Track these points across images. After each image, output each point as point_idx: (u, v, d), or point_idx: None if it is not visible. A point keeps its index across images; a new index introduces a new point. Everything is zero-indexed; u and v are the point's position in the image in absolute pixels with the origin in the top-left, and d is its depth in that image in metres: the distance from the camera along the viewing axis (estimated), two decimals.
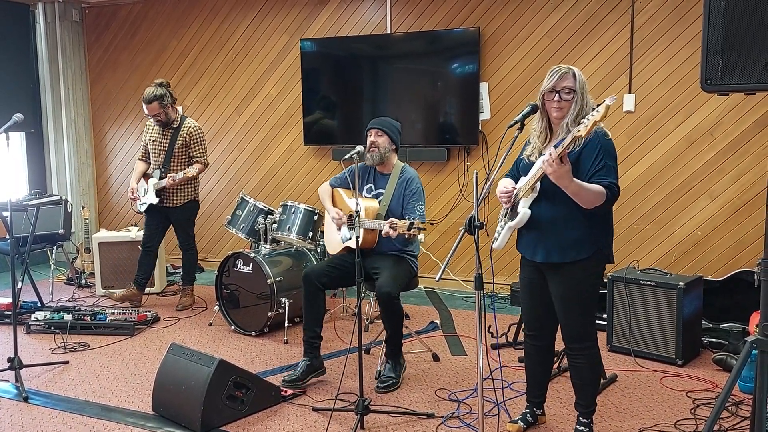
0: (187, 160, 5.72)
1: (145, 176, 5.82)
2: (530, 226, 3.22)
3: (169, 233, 6.04)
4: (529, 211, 3.18)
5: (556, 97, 3.12)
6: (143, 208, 5.79)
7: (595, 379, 3.39)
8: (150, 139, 5.76)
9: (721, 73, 2.43)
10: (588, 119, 2.84)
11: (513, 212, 3.27)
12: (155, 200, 5.68)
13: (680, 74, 5.49)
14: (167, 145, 5.67)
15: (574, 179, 2.96)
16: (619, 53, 5.69)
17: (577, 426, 3.39)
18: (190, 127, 5.69)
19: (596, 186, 3.00)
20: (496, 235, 3.37)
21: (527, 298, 3.43)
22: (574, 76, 3.12)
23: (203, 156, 5.75)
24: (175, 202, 5.74)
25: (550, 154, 2.89)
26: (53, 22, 7.75)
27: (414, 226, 3.81)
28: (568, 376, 4.22)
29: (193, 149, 5.71)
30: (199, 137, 5.73)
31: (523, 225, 3.23)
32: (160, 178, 5.65)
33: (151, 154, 5.79)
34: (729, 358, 4.30)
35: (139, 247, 5.98)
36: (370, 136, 4.35)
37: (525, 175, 3.27)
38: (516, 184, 3.35)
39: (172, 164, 5.68)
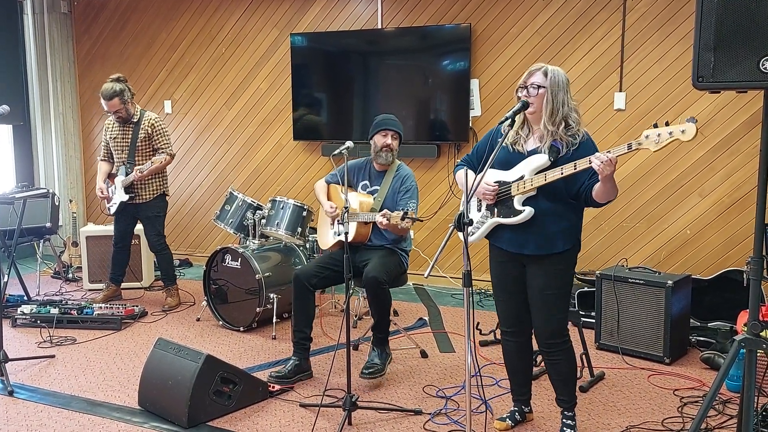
0: (151, 153, 5.61)
1: (110, 176, 5.73)
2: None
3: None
4: (533, 210, 3.17)
5: (525, 93, 3.17)
6: (114, 209, 5.68)
7: (574, 372, 3.41)
8: (111, 137, 5.66)
9: (713, 71, 2.42)
10: (661, 135, 2.86)
11: (502, 208, 3.25)
12: (125, 197, 5.57)
13: (671, 72, 5.50)
14: (129, 140, 5.57)
15: None
16: (610, 51, 5.69)
17: (564, 420, 3.41)
18: (151, 119, 5.59)
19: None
20: (473, 230, 3.34)
21: (503, 294, 3.43)
22: (545, 74, 3.14)
23: (168, 146, 5.63)
24: (144, 197, 5.64)
25: (610, 159, 2.92)
26: (41, 14, 7.68)
27: (407, 216, 3.81)
28: None
29: (157, 141, 5.59)
30: (162, 128, 5.62)
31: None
32: (126, 174, 5.55)
33: (113, 152, 5.69)
34: (717, 356, 4.31)
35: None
36: (386, 137, 4.32)
37: (502, 168, 3.26)
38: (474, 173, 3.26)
39: (136, 159, 5.57)
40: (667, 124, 2.86)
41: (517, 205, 3.20)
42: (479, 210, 3.36)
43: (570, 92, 3.19)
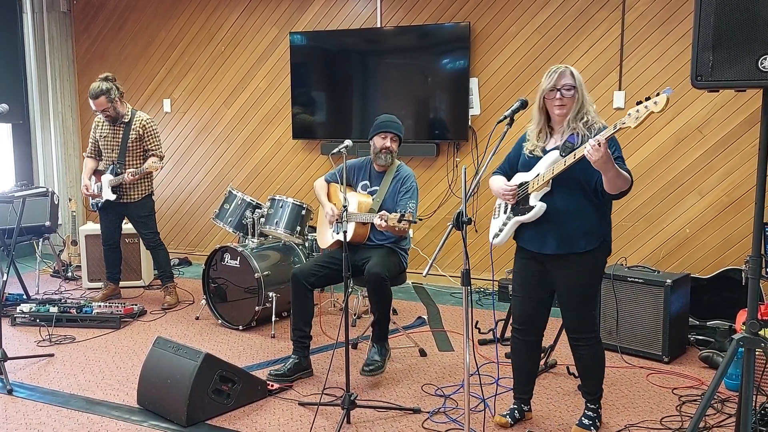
0: (142, 154, 5.61)
1: (96, 173, 5.70)
2: (538, 218, 3.26)
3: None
4: (544, 205, 3.22)
5: (558, 95, 3.18)
6: (98, 206, 5.68)
7: (599, 368, 3.45)
8: (101, 135, 5.64)
9: (712, 70, 2.42)
10: (639, 110, 2.87)
11: (521, 207, 3.31)
12: (112, 197, 5.55)
13: (670, 71, 5.50)
14: (120, 140, 5.56)
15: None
16: (609, 50, 5.69)
17: (585, 411, 3.49)
18: (142, 120, 5.58)
19: (624, 172, 3.08)
20: (497, 231, 3.41)
21: (521, 292, 3.46)
22: (572, 73, 3.19)
23: (158, 149, 5.64)
24: (132, 197, 5.63)
25: (597, 141, 2.92)
26: (41, 13, 7.68)
27: (404, 218, 3.82)
28: (554, 372, 4.25)
29: (148, 142, 5.59)
30: (153, 129, 5.62)
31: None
32: (116, 174, 5.54)
33: (102, 151, 5.67)
34: (715, 355, 4.32)
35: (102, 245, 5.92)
36: (385, 139, 4.33)
37: (525, 171, 3.34)
38: (507, 180, 3.41)
39: (127, 159, 5.57)
40: (647, 99, 2.86)
41: (532, 202, 3.25)
42: (505, 212, 3.41)
43: None
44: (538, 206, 3.22)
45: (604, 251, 3.32)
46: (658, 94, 2.81)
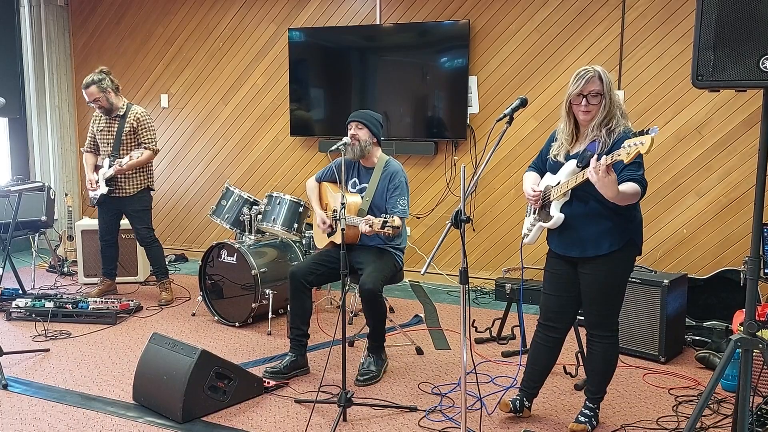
0: (136, 147, 5.59)
1: (97, 168, 5.68)
2: (562, 224, 3.28)
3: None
4: (562, 216, 3.25)
5: (584, 102, 3.15)
6: (95, 201, 5.67)
7: (607, 370, 3.45)
8: (98, 129, 5.63)
9: (713, 69, 2.41)
10: (631, 147, 2.83)
11: (543, 212, 3.34)
12: (105, 190, 5.54)
13: (670, 71, 5.49)
14: (114, 132, 5.55)
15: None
16: (609, 49, 5.69)
17: (582, 409, 3.49)
18: (136, 113, 5.57)
19: (631, 186, 3.04)
20: (526, 231, 3.47)
21: (550, 289, 3.48)
22: (600, 78, 3.13)
23: (152, 142, 5.60)
24: (127, 191, 5.61)
25: (599, 163, 2.90)
26: (38, 6, 7.65)
27: (387, 224, 3.77)
28: (552, 371, 4.24)
29: (142, 135, 5.56)
30: (147, 122, 5.59)
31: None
32: (110, 167, 5.54)
33: (99, 145, 5.66)
34: (712, 356, 4.31)
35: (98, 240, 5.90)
36: (350, 129, 4.31)
37: (551, 173, 3.35)
38: (540, 177, 3.45)
39: (121, 152, 5.55)
40: (643, 133, 2.85)
41: (552, 211, 3.28)
42: (534, 212, 3.44)
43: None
44: (556, 217, 3.26)
45: (630, 251, 3.28)
46: (648, 131, 2.80)
